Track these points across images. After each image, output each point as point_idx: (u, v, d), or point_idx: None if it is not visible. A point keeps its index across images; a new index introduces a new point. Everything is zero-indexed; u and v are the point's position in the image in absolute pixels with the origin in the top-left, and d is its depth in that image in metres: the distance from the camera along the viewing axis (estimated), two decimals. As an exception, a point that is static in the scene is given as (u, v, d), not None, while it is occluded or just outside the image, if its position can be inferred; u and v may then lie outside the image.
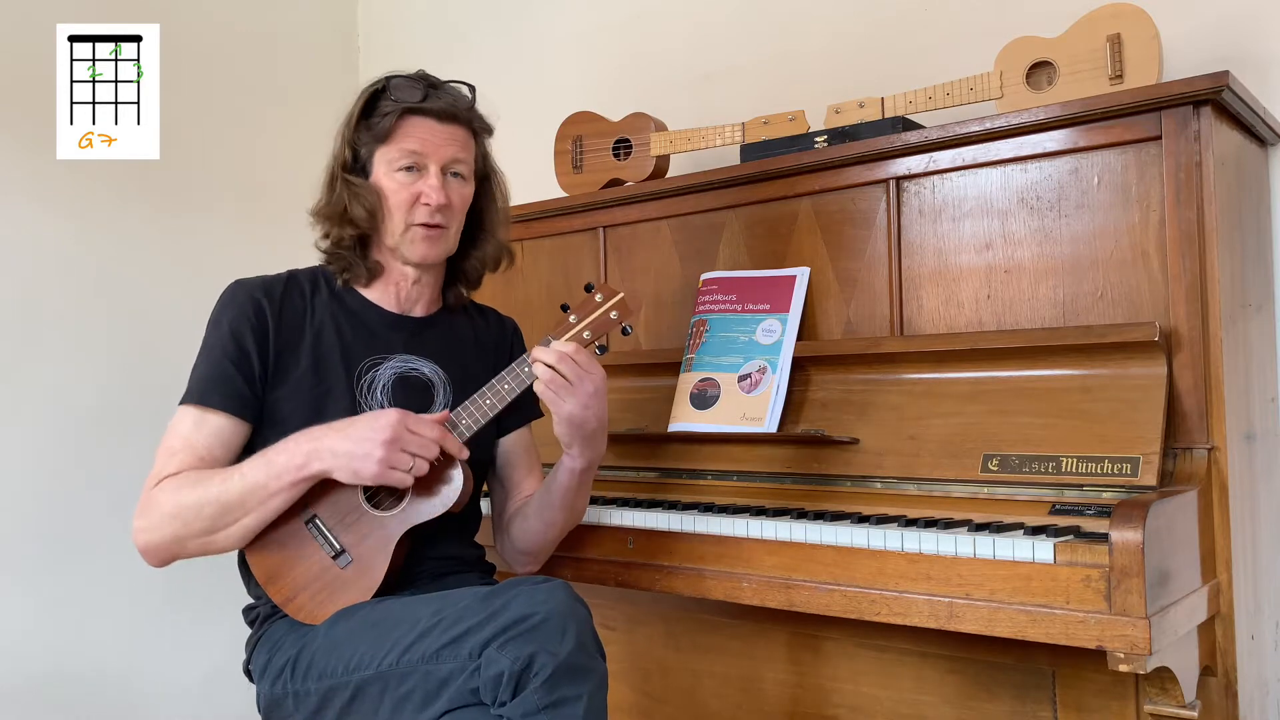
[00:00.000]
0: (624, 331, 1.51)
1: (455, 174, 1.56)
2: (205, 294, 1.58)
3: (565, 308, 1.51)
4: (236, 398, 1.47)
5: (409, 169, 1.52)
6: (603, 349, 1.50)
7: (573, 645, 1.24)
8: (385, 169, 1.53)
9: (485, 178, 1.64)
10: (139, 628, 2.49)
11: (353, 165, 1.55)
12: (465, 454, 1.47)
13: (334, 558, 1.45)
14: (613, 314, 1.49)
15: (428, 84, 1.55)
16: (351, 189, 1.52)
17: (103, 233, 2.49)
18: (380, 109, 1.53)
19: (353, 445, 1.38)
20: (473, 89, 1.59)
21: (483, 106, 1.60)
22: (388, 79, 1.54)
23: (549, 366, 1.44)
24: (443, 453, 1.44)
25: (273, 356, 1.50)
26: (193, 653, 2.57)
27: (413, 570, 1.51)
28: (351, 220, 1.53)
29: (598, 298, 1.49)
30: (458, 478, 1.47)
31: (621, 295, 1.49)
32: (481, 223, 1.64)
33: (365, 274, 1.58)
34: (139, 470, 1.49)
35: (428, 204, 1.52)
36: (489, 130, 1.62)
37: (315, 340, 1.54)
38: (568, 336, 1.48)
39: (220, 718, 2.59)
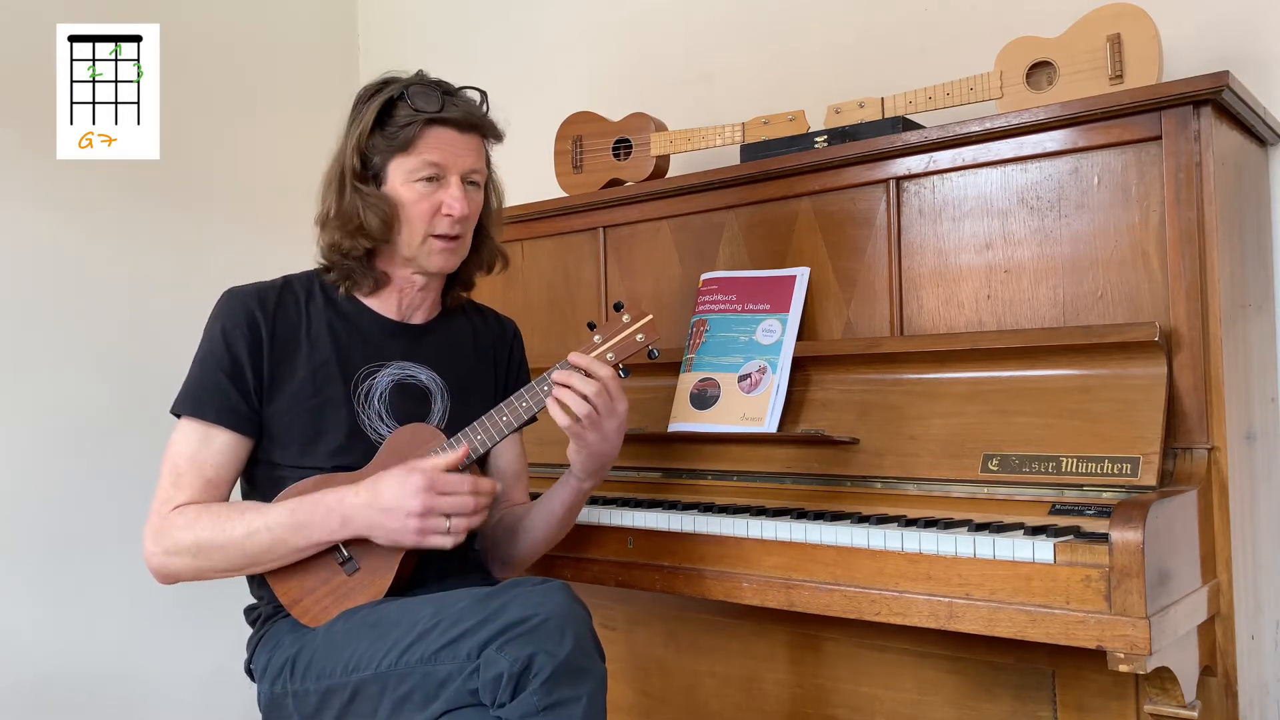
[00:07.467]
0: (650, 355, 1.47)
1: (472, 183, 1.54)
2: (205, 294, 1.57)
3: (592, 325, 1.47)
4: (234, 413, 1.46)
5: (429, 179, 1.49)
6: (625, 372, 1.46)
7: (571, 646, 1.24)
8: (403, 179, 1.49)
9: (486, 182, 1.62)
10: (140, 628, 2.49)
11: (362, 173, 1.50)
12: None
13: (342, 564, 1.45)
14: (639, 336, 1.45)
15: (443, 91, 1.51)
16: (365, 199, 1.48)
17: (103, 233, 2.50)
18: (398, 118, 1.48)
19: (386, 519, 1.37)
20: (484, 94, 1.57)
21: (491, 111, 1.58)
22: (404, 86, 1.50)
23: (585, 399, 1.40)
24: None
25: (268, 369, 1.48)
26: (194, 653, 2.56)
27: (416, 573, 1.50)
28: (365, 231, 1.49)
29: (625, 318, 1.45)
30: None
31: (650, 317, 1.45)
32: (481, 226, 1.61)
33: (370, 284, 1.55)
34: (140, 470, 1.49)
35: (450, 215, 1.49)
36: (500, 138, 1.60)
37: (311, 350, 1.51)
38: (592, 357, 1.44)
39: (222, 718, 2.59)
